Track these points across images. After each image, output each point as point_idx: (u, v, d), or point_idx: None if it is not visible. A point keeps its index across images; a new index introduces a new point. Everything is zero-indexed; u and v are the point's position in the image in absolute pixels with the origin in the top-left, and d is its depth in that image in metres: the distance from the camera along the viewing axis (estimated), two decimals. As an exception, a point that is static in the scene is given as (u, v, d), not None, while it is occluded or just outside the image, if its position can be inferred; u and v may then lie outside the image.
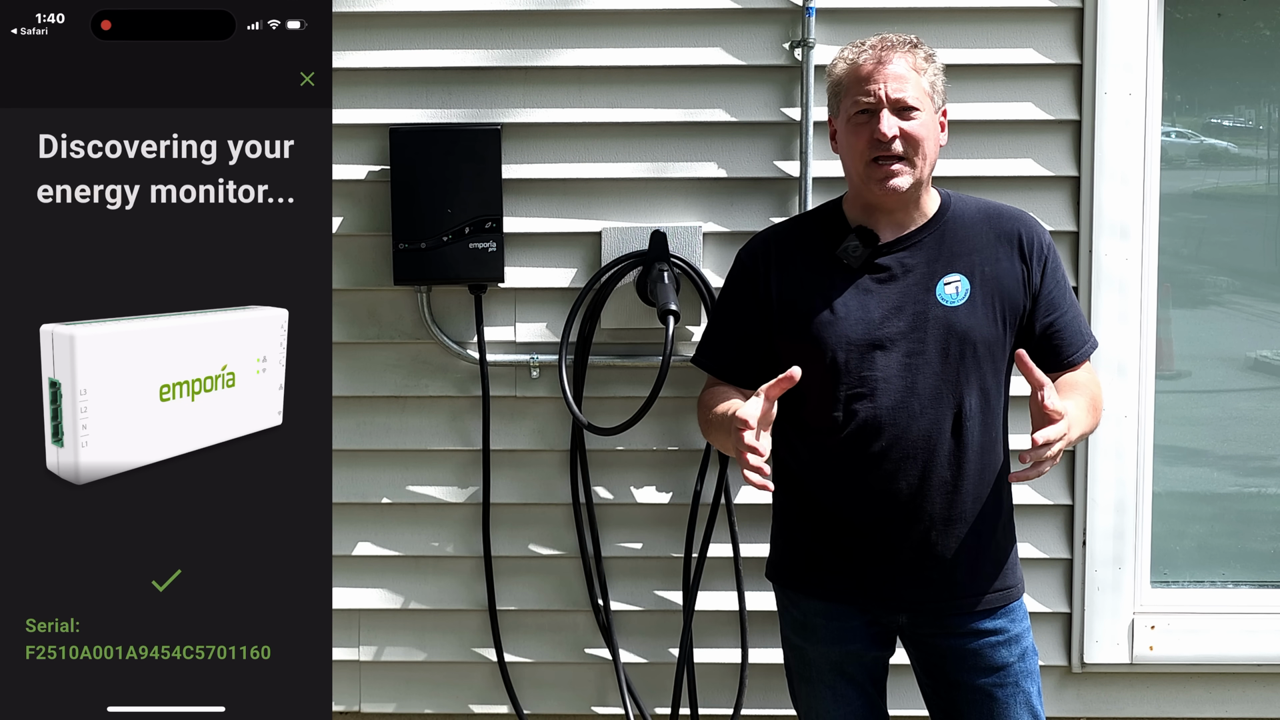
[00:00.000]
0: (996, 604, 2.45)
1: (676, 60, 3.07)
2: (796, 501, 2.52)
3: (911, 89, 2.37)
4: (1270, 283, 3.33)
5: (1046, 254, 2.46)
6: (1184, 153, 3.27)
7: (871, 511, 2.41)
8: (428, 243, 3.03)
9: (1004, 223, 2.47)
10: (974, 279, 2.41)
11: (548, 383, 3.14)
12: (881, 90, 2.37)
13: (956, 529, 2.41)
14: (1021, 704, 2.46)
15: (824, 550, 2.47)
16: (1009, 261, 2.44)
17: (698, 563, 3.12)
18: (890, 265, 2.42)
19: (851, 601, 2.47)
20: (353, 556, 3.20)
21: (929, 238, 2.44)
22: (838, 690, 2.54)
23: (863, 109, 2.39)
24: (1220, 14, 3.19)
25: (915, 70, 2.39)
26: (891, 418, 2.37)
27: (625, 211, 3.11)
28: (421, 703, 3.27)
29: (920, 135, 2.37)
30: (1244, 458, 3.36)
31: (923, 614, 2.46)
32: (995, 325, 2.41)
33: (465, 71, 3.09)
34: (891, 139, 2.35)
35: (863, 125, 2.39)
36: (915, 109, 2.37)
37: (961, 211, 2.47)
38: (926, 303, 2.39)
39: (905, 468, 2.38)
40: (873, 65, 2.39)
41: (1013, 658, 2.46)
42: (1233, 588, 3.25)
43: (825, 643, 2.52)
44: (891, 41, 2.42)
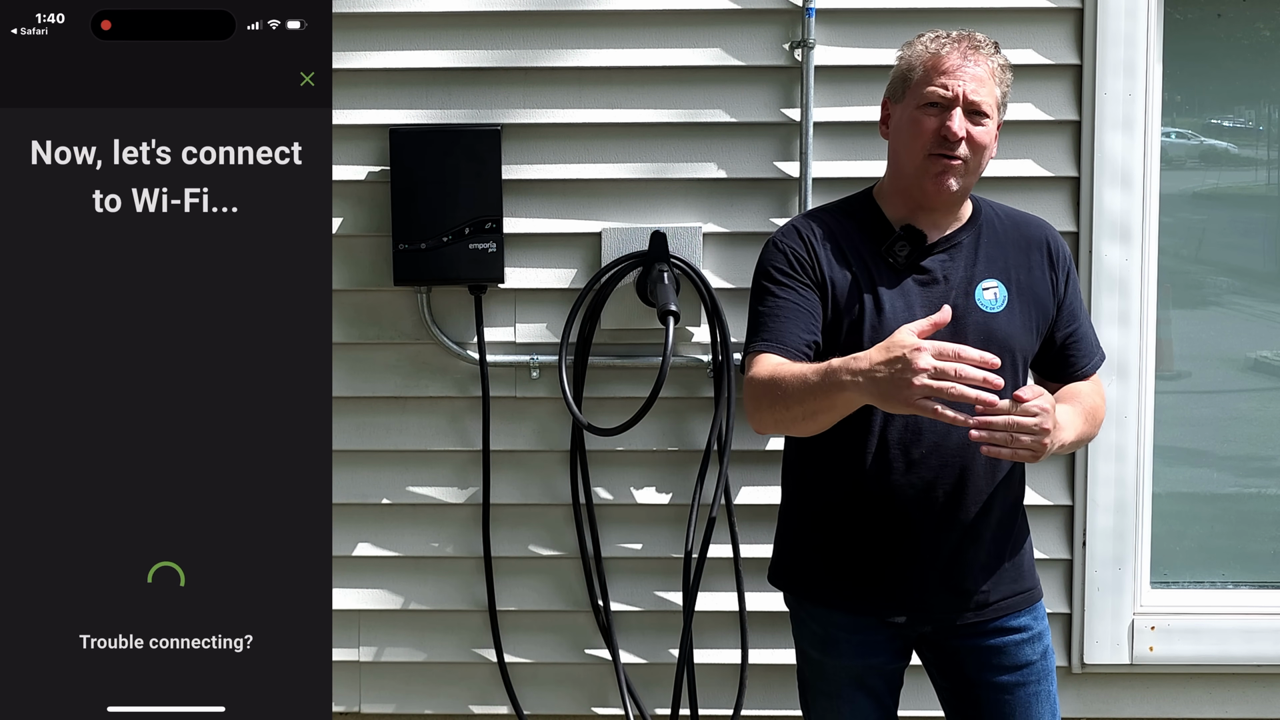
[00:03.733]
0: (1019, 606, 2.43)
1: (676, 61, 3.07)
2: (815, 509, 2.46)
3: (987, 94, 2.33)
4: (1270, 283, 3.33)
5: (1068, 265, 2.47)
6: (1184, 153, 3.27)
7: (906, 519, 2.36)
8: (428, 243, 3.03)
9: (1031, 230, 2.46)
10: (1010, 285, 2.39)
11: (548, 383, 3.14)
12: (961, 88, 2.31)
13: (986, 537, 2.39)
14: (1044, 701, 2.43)
15: (849, 560, 2.42)
16: (1040, 270, 2.42)
17: (698, 563, 3.12)
18: (933, 268, 2.37)
19: (875, 613, 2.42)
20: (353, 557, 3.20)
21: (966, 240, 2.40)
22: (856, 703, 2.49)
23: (934, 101, 2.33)
24: (1220, 14, 3.19)
25: (994, 77, 2.35)
26: (932, 424, 2.30)
27: (625, 212, 3.11)
28: (421, 703, 3.27)
29: (984, 142, 2.34)
30: (1244, 458, 3.36)
31: (947, 621, 2.42)
32: (1030, 333, 2.40)
33: (465, 72, 3.09)
34: (959, 139, 2.31)
35: (931, 117, 2.33)
36: (986, 115, 2.33)
37: (992, 217, 2.45)
38: (966, 308, 2.35)
39: (943, 475, 2.34)
40: (958, 60, 2.33)
41: (1035, 655, 2.43)
42: (1233, 588, 3.25)
43: (847, 656, 2.46)
44: (978, 41, 2.37)
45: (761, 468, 3.11)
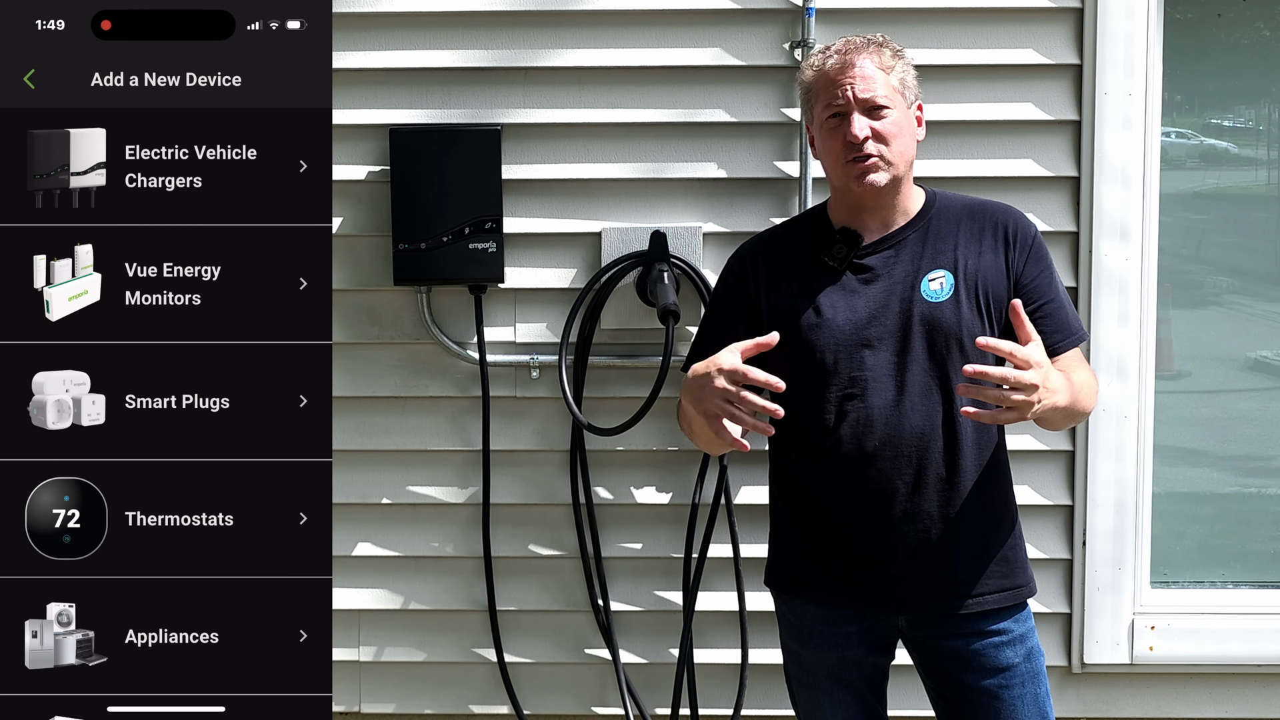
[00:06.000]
0: (1003, 604, 2.43)
1: (676, 60, 3.07)
2: (793, 507, 2.51)
3: (880, 87, 2.37)
4: (1270, 283, 3.33)
5: (1031, 243, 2.44)
6: (1184, 153, 3.27)
7: (868, 512, 2.39)
8: (428, 243, 3.04)
9: (987, 216, 2.46)
10: (957, 273, 2.40)
11: (548, 383, 3.14)
12: (849, 92, 2.37)
13: (955, 527, 2.39)
14: (1030, 705, 2.44)
15: (820, 554, 2.46)
16: (992, 254, 2.42)
17: (698, 563, 3.12)
18: (874, 264, 2.42)
19: (847, 606, 2.45)
20: (353, 556, 3.20)
21: (913, 235, 2.43)
22: (835, 696, 2.52)
23: (834, 112, 2.39)
24: (1220, 14, 3.19)
25: (882, 69, 2.39)
26: (883, 416, 2.37)
27: (625, 212, 3.12)
28: (421, 703, 3.27)
29: (892, 133, 2.37)
30: (1244, 458, 3.36)
31: (923, 615, 2.44)
32: (979, 318, 2.40)
33: (465, 71, 3.09)
34: (864, 140, 2.35)
35: (835, 129, 2.39)
36: (885, 107, 2.37)
37: (946, 208, 2.47)
38: (911, 300, 2.39)
39: (900, 466, 2.37)
40: (839, 68, 2.39)
41: (1018, 658, 2.44)
42: (1233, 588, 3.25)
43: (822, 649, 2.50)
44: (856, 43, 2.42)
45: (761, 468, 3.11)
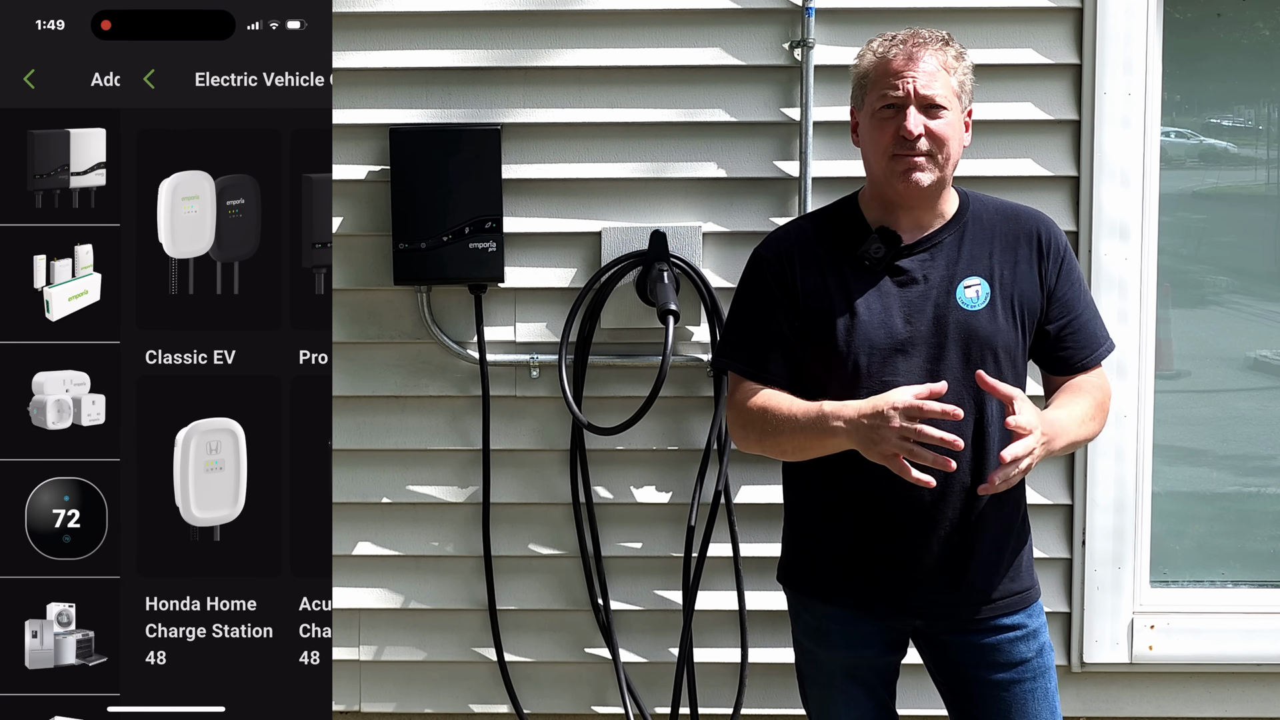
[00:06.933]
0: (1014, 607, 2.43)
1: (676, 60, 3.07)
2: (813, 508, 2.48)
3: (940, 87, 2.34)
4: (1270, 283, 3.33)
5: (1063, 255, 2.43)
6: (1184, 153, 3.27)
7: (892, 518, 2.37)
8: (428, 243, 3.04)
9: (1022, 223, 2.44)
10: (993, 282, 2.38)
11: (548, 383, 3.14)
12: (910, 86, 2.32)
13: (975, 535, 2.38)
14: (1041, 699, 2.43)
15: (840, 556, 2.43)
16: (1027, 264, 2.40)
17: (698, 562, 3.13)
18: (911, 268, 2.38)
19: (866, 608, 2.44)
20: (353, 556, 3.20)
21: (949, 239, 2.40)
22: (849, 694, 2.51)
23: (889, 103, 2.34)
24: (1220, 14, 3.19)
25: (945, 68, 2.35)
26: None
27: (625, 211, 3.12)
28: (421, 702, 3.27)
29: (945, 134, 2.33)
30: (1244, 458, 3.36)
31: (939, 619, 2.43)
32: (1014, 329, 2.38)
33: (465, 71, 3.09)
34: (917, 137, 2.31)
35: (888, 120, 2.34)
36: (943, 107, 2.33)
37: (980, 212, 2.44)
38: (947, 306, 2.35)
39: (932, 475, 2.32)
40: (904, 60, 2.34)
41: (1030, 653, 2.43)
42: (1232, 588, 3.26)
43: (838, 648, 2.49)
44: (924, 37, 2.37)
45: (761, 467, 3.11)
